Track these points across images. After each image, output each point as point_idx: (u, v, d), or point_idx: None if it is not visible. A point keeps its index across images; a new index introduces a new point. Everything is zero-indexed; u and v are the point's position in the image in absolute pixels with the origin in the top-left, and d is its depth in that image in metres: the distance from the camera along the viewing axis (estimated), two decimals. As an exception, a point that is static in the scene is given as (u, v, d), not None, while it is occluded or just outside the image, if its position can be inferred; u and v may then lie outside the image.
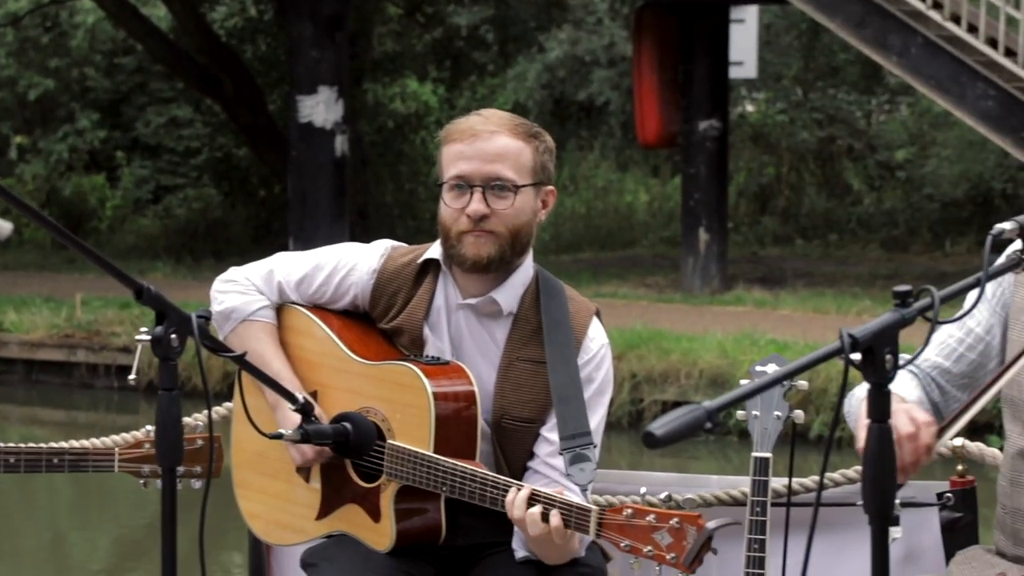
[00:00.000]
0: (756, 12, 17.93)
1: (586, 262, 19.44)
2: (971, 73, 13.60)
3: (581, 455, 3.54)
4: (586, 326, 3.67)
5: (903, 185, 20.57)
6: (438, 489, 3.53)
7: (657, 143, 16.74)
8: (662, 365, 12.99)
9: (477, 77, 23.21)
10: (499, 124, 3.61)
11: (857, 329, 2.54)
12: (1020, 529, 3.23)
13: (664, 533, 3.25)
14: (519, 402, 3.62)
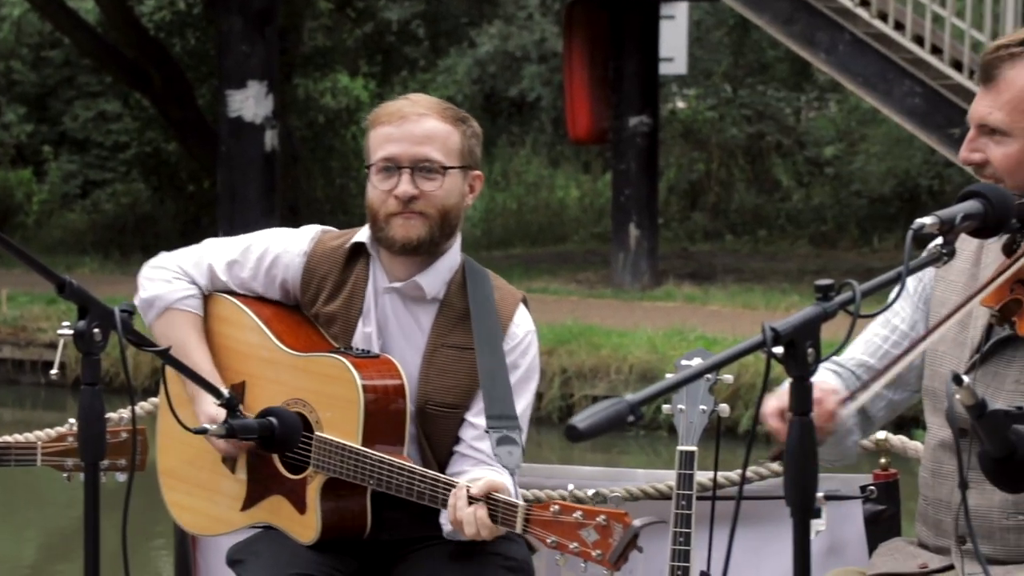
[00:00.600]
0: (686, 8, 18.01)
1: (517, 258, 19.46)
2: (898, 70, 13.71)
3: (508, 437, 3.56)
4: (512, 313, 3.69)
5: (831, 181, 20.71)
6: (365, 482, 3.53)
7: (588, 139, 16.78)
8: (592, 360, 13.03)
9: (408, 72, 23.18)
10: (427, 107, 3.63)
11: (779, 323, 2.55)
12: (942, 520, 3.27)
13: (591, 530, 3.27)
14: (443, 388, 3.64)
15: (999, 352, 3.16)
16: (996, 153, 3.12)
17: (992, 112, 3.13)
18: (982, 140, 3.15)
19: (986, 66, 3.15)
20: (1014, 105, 3.11)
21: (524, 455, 3.62)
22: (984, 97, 3.15)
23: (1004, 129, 3.11)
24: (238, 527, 3.73)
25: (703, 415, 3.69)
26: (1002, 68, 3.12)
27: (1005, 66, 3.12)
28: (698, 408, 3.70)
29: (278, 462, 3.66)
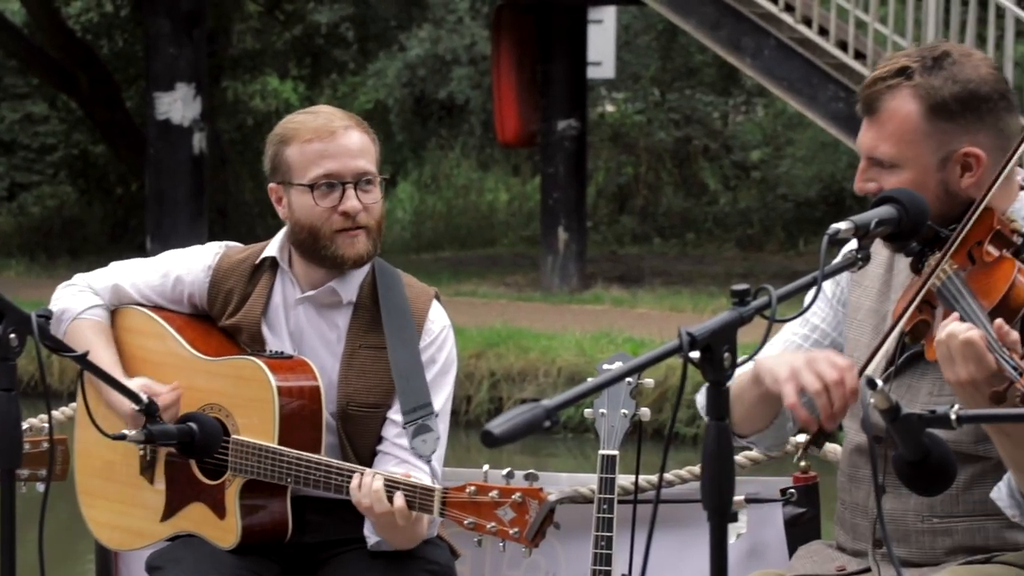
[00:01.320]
0: (614, 13, 18.05)
1: (447, 261, 19.46)
2: (822, 75, 13.82)
3: (424, 426, 3.59)
4: (426, 310, 3.71)
5: (758, 185, 20.84)
6: (283, 480, 3.54)
7: (516, 142, 16.80)
8: (521, 363, 13.06)
9: (338, 75, 23.13)
10: (346, 119, 3.65)
11: (696, 327, 2.57)
12: (859, 524, 3.29)
13: (507, 508, 3.30)
14: (364, 388, 3.65)
15: (913, 365, 3.19)
16: (890, 183, 3.13)
17: (879, 145, 3.15)
18: (874, 171, 3.17)
19: (867, 99, 3.16)
20: (899, 136, 3.12)
21: (443, 446, 3.64)
22: (869, 129, 3.17)
23: (893, 161, 3.14)
24: (159, 539, 3.72)
25: (624, 419, 3.71)
26: (882, 100, 3.13)
27: (885, 98, 3.13)
28: (619, 412, 3.71)
29: (196, 469, 3.66)
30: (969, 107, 3.09)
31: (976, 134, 3.10)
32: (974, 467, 3.12)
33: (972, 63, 3.12)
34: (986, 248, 3.05)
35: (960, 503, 3.16)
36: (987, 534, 3.16)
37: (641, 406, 3.74)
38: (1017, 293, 2.99)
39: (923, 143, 3.10)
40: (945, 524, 3.17)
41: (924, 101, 3.10)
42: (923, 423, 2.67)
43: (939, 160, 3.11)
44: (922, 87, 3.10)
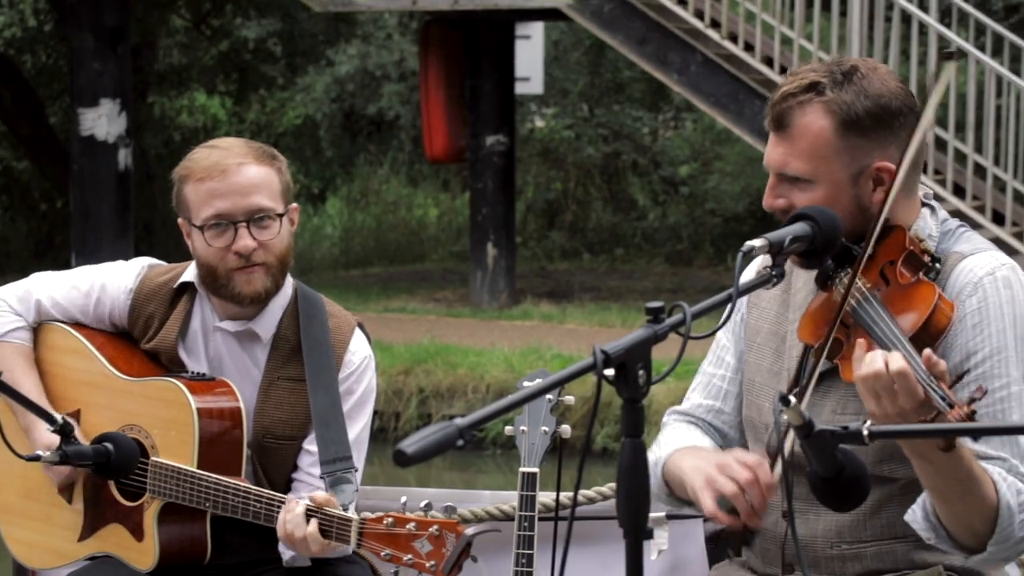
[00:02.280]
0: (542, 28, 18.10)
1: (376, 277, 19.42)
2: (749, 91, 13.90)
3: (342, 478, 3.57)
4: (347, 341, 3.68)
5: (686, 200, 20.92)
6: (202, 505, 3.51)
7: (445, 158, 16.79)
8: (449, 380, 13.05)
9: (266, 90, 23.05)
10: (242, 154, 3.58)
11: (610, 345, 2.57)
12: (768, 548, 3.29)
13: (424, 541, 3.29)
14: (281, 421, 3.63)
15: (817, 384, 3.17)
16: (801, 199, 3.11)
17: (790, 161, 3.12)
18: (784, 186, 3.14)
19: (778, 114, 3.13)
20: (812, 152, 3.10)
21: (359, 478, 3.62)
22: (779, 145, 3.14)
23: (806, 177, 3.12)
24: (76, 558, 3.69)
25: (545, 436, 3.71)
26: (793, 116, 3.11)
27: (796, 114, 3.11)
28: (540, 429, 3.71)
29: (114, 489, 3.63)
30: (881, 122, 3.09)
31: (888, 148, 3.10)
32: (880, 490, 3.12)
33: (880, 77, 3.12)
34: (900, 269, 3.05)
35: (868, 527, 3.16)
36: (896, 556, 3.17)
37: (562, 423, 3.74)
38: (937, 320, 3.00)
39: (836, 159, 3.09)
40: (854, 549, 3.18)
41: (836, 116, 3.08)
42: (836, 439, 2.68)
43: (852, 175, 3.10)
44: (834, 102, 3.08)
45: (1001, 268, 3.09)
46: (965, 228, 3.20)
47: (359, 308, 16.12)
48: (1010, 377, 3.04)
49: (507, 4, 14.84)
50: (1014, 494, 2.98)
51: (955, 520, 2.99)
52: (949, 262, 3.10)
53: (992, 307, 3.05)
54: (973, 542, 3.00)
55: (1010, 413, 3.03)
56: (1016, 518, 2.97)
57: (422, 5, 15.27)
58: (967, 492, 2.94)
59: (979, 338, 3.04)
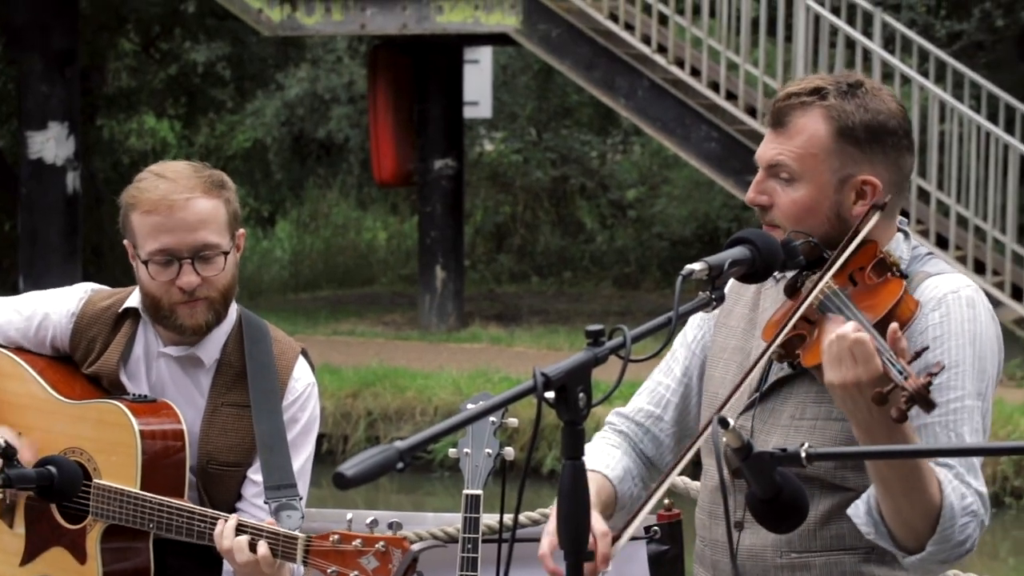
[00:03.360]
0: (490, 53, 18.15)
1: (325, 300, 19.39)
2: (695, 115, 13.99)
3: (287, 504, 3.56)
4: (291, 368, 3.68)
5: (634, 224, 20.99)
6: (145, 526, 3.51)
7: (393, 182, 16.80)
8: (397, 403, 13.05)
9: (215, 114, 23.01)
10: (190, 186, 3.54)
11: (550, 368, 2.59)
12: (719, 560, 3.32)
13: (370, 557, 3.30)
14: (225, 447, 3.63)
15: (776, 390, 3.23)
16: (783, 198, 3.18)
17: (783, 155, 3.18)
18: (770, 183, 3.21)
19: (778, 112, 3.20)
20: (805, 151, 3.16)
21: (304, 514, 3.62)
22: (774, 140, 3.21)
23: (793, 174, 3.18)
24: (18, 583, 3.68)
25: (489, 458, 3.72)
26: (793, 115, 3.18)
27: (796, 113, 3.18)
28: (484, 451, 3.73)
29: (56, 513, 3.62)
30: (875, 137, 3.15)
31: (876, 164, 3.16)
32: (832, 499, 3.16)
33: (883, 97, 3.19)
34: (868, 273, 3.11)
35: (818, 538, 3.20)
36: (844, 568, 3.20)
37: (506, 445, 3.76)
38: (903, 309, 3.06)
39: (826, 161, 3.15)
40: (803, 559, 3.21)
41: (835, 123, 3.15)
42: (774, 461, 2.71)
43: (837, 181, 3.16)
44: (835, 109, 3.15)
45: (965, 288, 3.16)
46: (933, 255, 3.28)
47: (308, 331, 16.10)
48: (965, 391, 3.09)
49: (455, 29, 14.88)
50: (959, 497, 3.03)
51: (897, 516, 3.02)
52: (915, 280, 3.17)
53: (954, 323, 3.11)
54: (913, 541, 3.04)
55: (961, 425, 3.08)
56: (958, 520, 3.02)
57: (371, 29, 15.29)
58: (912, 487, 2.98)
59: (939, 351, 3.09)
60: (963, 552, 3.05)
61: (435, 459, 12.68)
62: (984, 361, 3.12)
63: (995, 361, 3.16)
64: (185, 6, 19.43)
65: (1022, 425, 11.45)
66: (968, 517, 3.03)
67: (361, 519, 3.66)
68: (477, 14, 14.68)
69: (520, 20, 14.53)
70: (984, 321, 3.15)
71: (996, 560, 10.78)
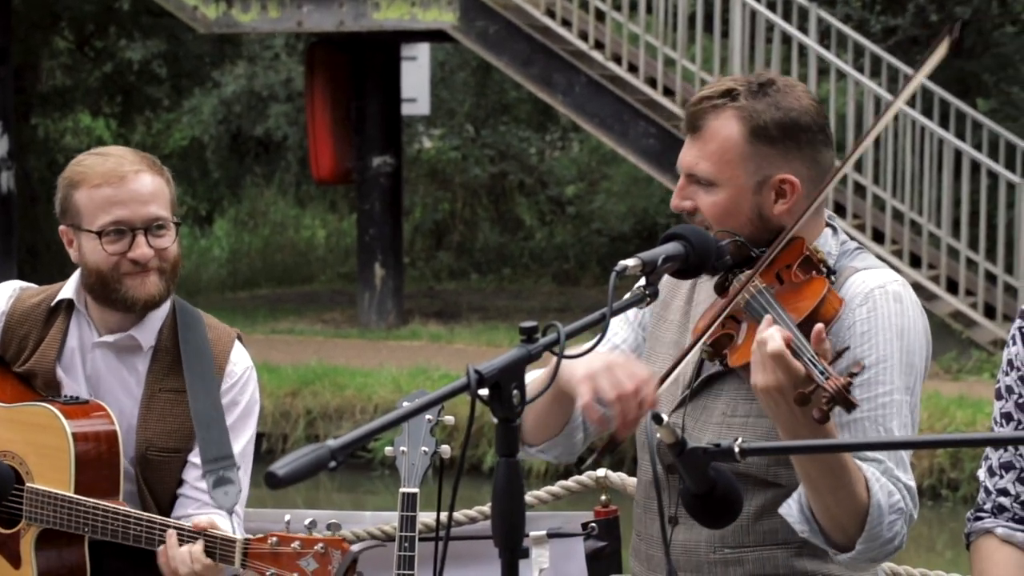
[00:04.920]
0: (428, 50, 18.13)
1: (264, 298, 19.32)
2: (633, 112, 14.02)
3: (224, 478, 3.56)
4: (227, 352, 3.69)
5: (573, 220, 21.03)
6: (80, 530, 3.50)
7: (331, 179, 16.76)
8: (337, 401, 13.02)
9: (152, 112, 22.88)
10: (137, 162, 3.59)
11: (484, 365, 2.59)
12: (654, 555, 3.33)
13: (310, 559, 3.30)
14: (163, 433, 3.62)
15: (708, 387, 3.23)
16: (705, 201, 3.18)
17: (699, 162, 3.18)
18: (692, 188, 3.21)
19: (691, 117, 3.20)
20: (719, 155, 3.16)
21: (246, 489, 3.62)
22: (691, 147, 3.21)
23: (711, 179, 3.19)
24: (-50, 588, 3.65)
25: (425, 456, 3.72)
26: (706, 119, 3.17)
27: (709, 117, 3.17)
28: (420, 450, 3.72)
29: (-11, 517, 3.60)
30: (789, 135, 3.14)
31: (793, 162, 3.15)
32: (765, 495, 3.17)
33: (795, 94, 3.18)
34: (794, 271, 3.12)
35: (751, 533, 3.21)
36: (777, 563, 3.21)
37: (443, 443, 3.75)
38: (827, 308, 3.06)
39: (741, 164, 3.15)
40: (736, 554, 3.22)
41: (746, 123, 3.14)
42: (708, 457, 2.72)
43: (755, 183, 3.16)
44: (746, 109, 3.15)
45: (893, 283, 3.16)
46: (862, 249, 3.28)
47: (247, 330, 15.90)
48: (893, 385, 3.10)
49: (392, 26, 14.86)
50: (886, 495, 3.04)
51: (827, 514, 3.04)
52: (843, 275, 3.17)
53: (881, 318, 3.12)
54: (843, 539, 3.05)
55: (890, 420, 3.09)
56: (886, 518, 3.03)
57: (307, 27, 15.25)
58: (839, 485, 2.99)
59: (866, 346, 3.10)
60: (892, 550, 3.07)
61: (375, 457, 12.66)
62: (912, 355, 3.13)
63: (923, 355, 3.17)
64: (120, 4, 19.30)
65: (958, 418, 11.54)
66: (896, 515, 3.04)
67: (299, 520, 3.65)
68: (414, 11, 14.66)
69: (457, 17, 14.52)
70: (912, 315, 3.16)
71: (933, 552, 10.85)
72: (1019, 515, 3.04)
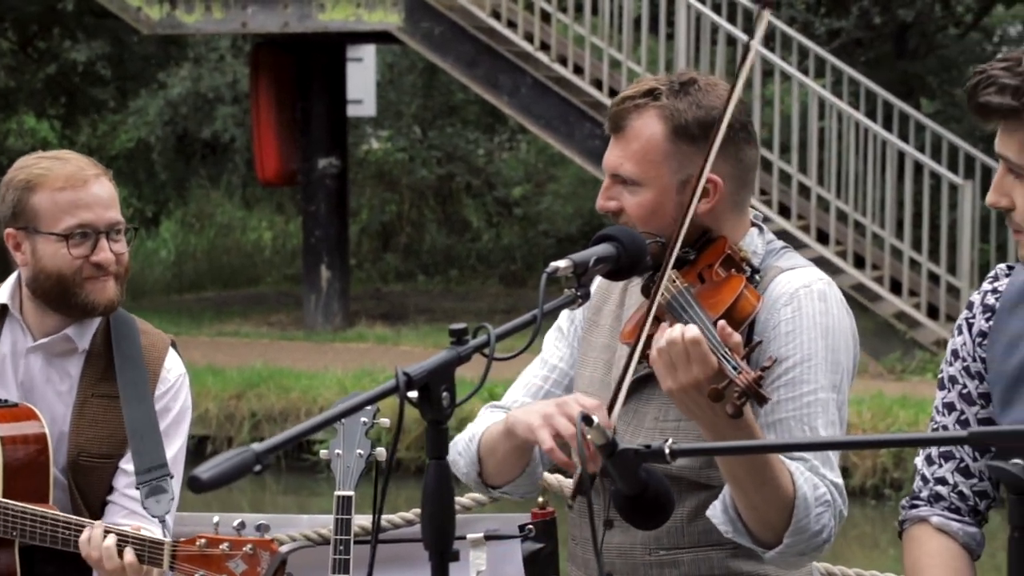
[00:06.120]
0: (374, 51, 18.11)
1: (210, 301, 19.25)
2: (578, 113, 14.04)
3: (158, 487, 3.56)
4: (161, 359, 3.68)
5: (520, 221, 21.04)
6: (9, 534, 3.48)
7: (277, 181, 16.72)
8: (282, 403, 12.99)
9: (97, 113, 22.76)
10: (91, 165, 3.61)
11: (412, 367, 2.58)
12: (590, 559, 3.32)
13: (238, 561, 3.29)
14: (95, 439, 3.61)
15: (639, 390, 3.22)
16: (630, 202, 3.18)
17: (623, 163, 3.19)
18: (617, 188, 3.21)
19: (614, 117, 3.20)
20: (642, 155, 3.16)
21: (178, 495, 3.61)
22: (615, 147, 3.21)
23: (635, 179, 3.19)
24: None
25: (360, 459, 3.70)
26: (629, 119, 3.17)
27: (632, 117, 3.17)
28: (355, 452, 3.71)
29: (-82, 523, 3.56)
30: (710, 133, 3.13)
31: (715, 161, 3.14)
32: (698, 496, 3.17)
33: (717, 92, 3.18)
34: (716, 270, 3.13)
35: (685, 534, 3.21)
36: (712, 564, 3.21)
37: (378, 446, 3.74)
38: (743, 305, 3.07)
39: (664, 163, 3.15)
40: (672, 555, 3.22)
41: (668, 122, 3.14)
42: (639, 458, 2.71)
43: (679, 182, 3.16)
44: (667, 108, 3.15)
45: (817, 282, 3.16)
46: (788, 248, 3.28)
47: (192, 332, 15.96)
48: (818, 384, 3.10)
49: (337, 27, 14.83)
50: (811, 488, 3.05)
51: (752, 512, 3.04)
52: (769, 275, 3.18)
53: (806, 317, 3.12)
54: (770, 536, 3.06)
55: (815, 418, 3.10)
56: (812, 511, 3.04)
57: (252, 28, 15.19)
58: (763, 481, 3.00)
59: (791, 345, 3.11)
60: (820, 543, 3.08)
61: (320, 459, 12.63)
62: (837, 353, 3.14)
63: (849, 354, 3.18)
64: (63, 4, 19.18)
65: (902, 417, 11.60)
66: (822, 507, 3.05)
67: (229, 522, 3.63)
68: (359, 12, 14.63)
69: (402, 18, 14.50)
70: (836, 314, 3.16)
71: (877, 550, 10.91)
72: (955, 505, 3.05)
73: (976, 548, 3.07)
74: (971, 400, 3.02)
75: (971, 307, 3.06)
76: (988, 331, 3.01)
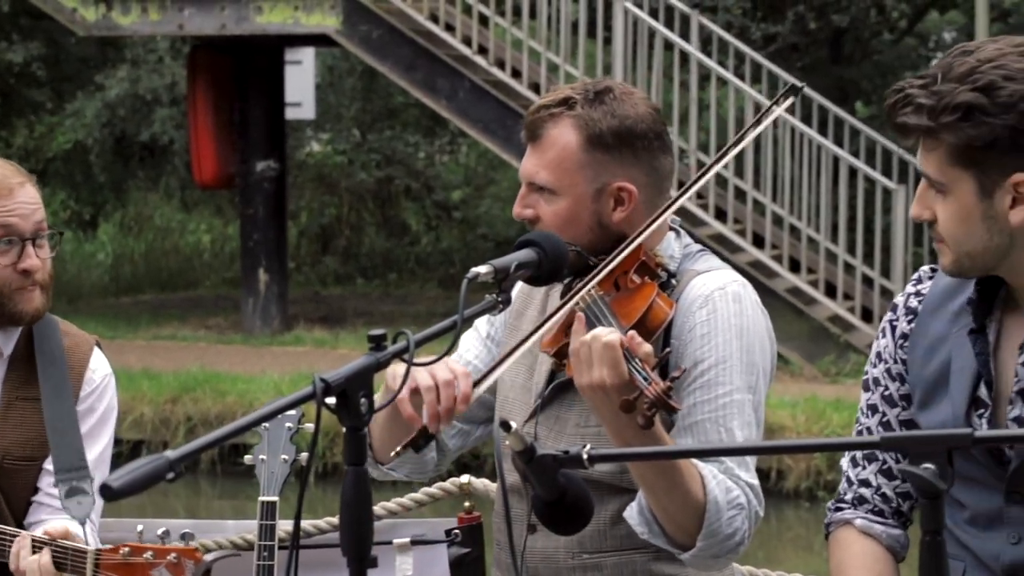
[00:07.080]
0: (313, 53, 18.07)
1: (146, 304, 19.15)
2: (516, 116, 14.04)
3: (77, 488, 3.54)
4: (86, 359, 3.68)
5: (459, 225, 21.05)
6: None
7: (214, 184, 16.66)
8: (218, 407, 12.94)
9: (33, 115, 22.60)
10: (15, 172, 3.60)
11: (330, 373, 2.57)
12: (512, 564, 3.34)
13: (162, 569, 3.28)
14: (20, 442, 3.61)
15: (560, 396, 3.24)
16: (546, 210, 3.20)
17: (539, 171, 3.20)
18: (533, 197, 3.22)
19: (531, 125, 3.21)
20: (557, 164, 3.18)
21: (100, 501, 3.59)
22: (531, 156, 3.22)
23: (551, 187, 3.20)
24: None
25: (285, 464, 3.70)
26: (545, 127, 3.18)
27: (547, 125, 3.18)
28: (280, 458, 3.71)
29: None
30: (625, 142, 3.16)
31: (630, 169, 3.17)
32: (620, 500, 3.19)
33: (632, 101, 3.20)
34: (631, 276, 3.14)
35: (608, 538, 3.22)
36: (635, 567, 3.23)
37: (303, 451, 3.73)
38: (655, 314, 3.08)
39: (579, 172, 3.17)
40: (595, 559, 3.23)
41: (583, 131, 3.16)
42: (557, 464, 2.72)
43: (594, 191, 3.17)
44: (582, 118, 3.16)
45: (732, 284, 3.18)
46: (705, 251, 3.30)
47: (128, 336, 15.88)
48: (733, 385, 3.12)
49: (275, 30, 14.79)
50: (723, 491, 3.06)
51: (665, 514, 3.06)
52: (684, 278, 3.20)
53: (720, 319, 3.14)
54: (684, 538, 3.08)
55: (731, 420, 3.12)
56: (724, 514, 3.06)
57: (189, 30, 15.13)
58: (672, 486, 3.02)
59: (706, 347, 3.13)
60: (734, 545, 3.09)
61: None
62: (752, 354, 3.16)
63: (765, 354, 3.20)
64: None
65: (835, 420, 11.66)
66: (735, 511, 3.07)
67: (153, 529, 3.62)
68: (297, 15, 14.60)
69: (340, 21, 14.48)
70: (751, 315, 3.18)
71: (811, 553, 10.96)
72: (879, 507, 3.07)
73: (900, 550, 3.09)
74: (893, 402, 3.04)
75: (895, 309, 3.09)
76: (909, 333, 3.03)
